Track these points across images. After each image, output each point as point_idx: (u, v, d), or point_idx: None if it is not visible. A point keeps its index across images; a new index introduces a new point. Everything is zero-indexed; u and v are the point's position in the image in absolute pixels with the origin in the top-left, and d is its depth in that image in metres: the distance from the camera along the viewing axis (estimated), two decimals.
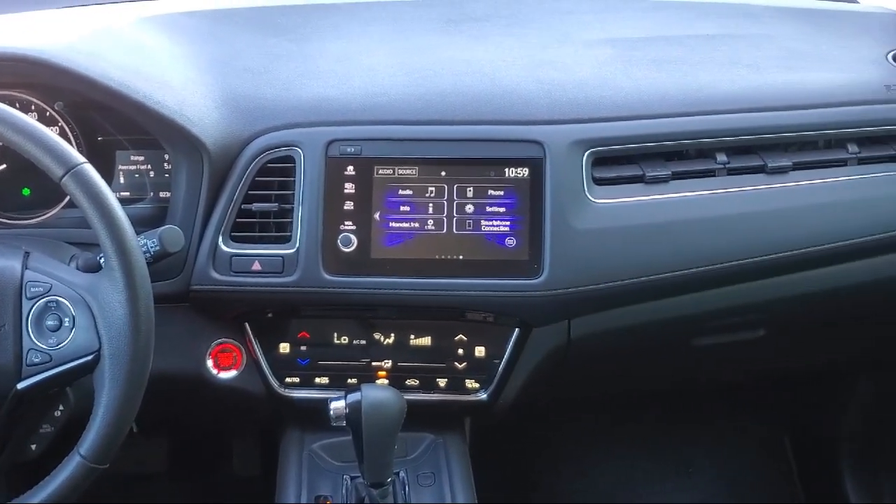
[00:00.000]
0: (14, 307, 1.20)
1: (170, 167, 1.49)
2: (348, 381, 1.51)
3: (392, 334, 1.50)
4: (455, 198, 1.43)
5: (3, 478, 1.34)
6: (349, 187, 1.43)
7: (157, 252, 1.29)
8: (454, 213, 1.43)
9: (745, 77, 1.58)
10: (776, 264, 1.52)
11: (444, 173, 1.43)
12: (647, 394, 2.14)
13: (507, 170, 1.43)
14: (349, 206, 1.42)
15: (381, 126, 1.45)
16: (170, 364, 1.43)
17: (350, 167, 1.43)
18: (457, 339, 1.50)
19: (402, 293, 1.43)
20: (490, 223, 1.43)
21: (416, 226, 1.43)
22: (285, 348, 1.51)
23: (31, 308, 1.20)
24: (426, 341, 1.51)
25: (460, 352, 1.51)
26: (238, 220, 1.43)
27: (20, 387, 1.19)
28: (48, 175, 1.18)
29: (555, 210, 1.42)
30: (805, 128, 1.53)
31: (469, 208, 1.43)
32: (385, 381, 1.51)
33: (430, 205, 1.43)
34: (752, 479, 2.31)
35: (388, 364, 1.51)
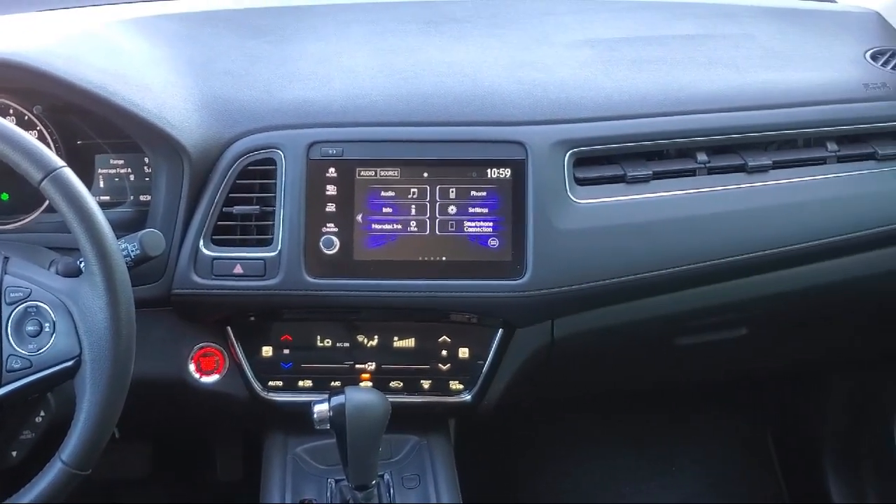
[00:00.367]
0: None
1: (150, 171, 1.48)
2: (332, 384, 1.50)
3: (375, 336, 1.50)
4: (437, 199, 1.43)
5: None
6: (331, 189, 1.42)
7: (137, 256, 1.28)
8: (437, 215, 1.43)
9: (724, 77, 1.58)
10: (757, 263, 1.53)
11: (426, 174, 1.43)
12: (631, 393, 2.14)
13: (489, 170, 1.43)
14: (331, 208, 1.42)
15: (362, 128, 1.44)
16: (152, 368, 1.42)
17: (331, 169, 1.42)
18: (440, 340, 1.50)
19: (386, 295, 1.43)
20: (473, 224, 1.43)
21: (399, 227, 1.43)
22: (268, 352, 1.51)
23: (10, 313, 1.19)
24: (410, 343, 1.51)
25: (444, 353, 1.51)
26: (219, 223, 1.42)
27: (0, 393, 1.18)
28: (27, 179, 1.18)
29: (537, 210, 1.42)
30: (784, 127, 1.54)
31: (452, 209, 1.43)
32: (369, 384, 1.50)
33: (413, 206, 1.43)
34: (736, 478, 2.32)
35: (371, 366, 1.51)
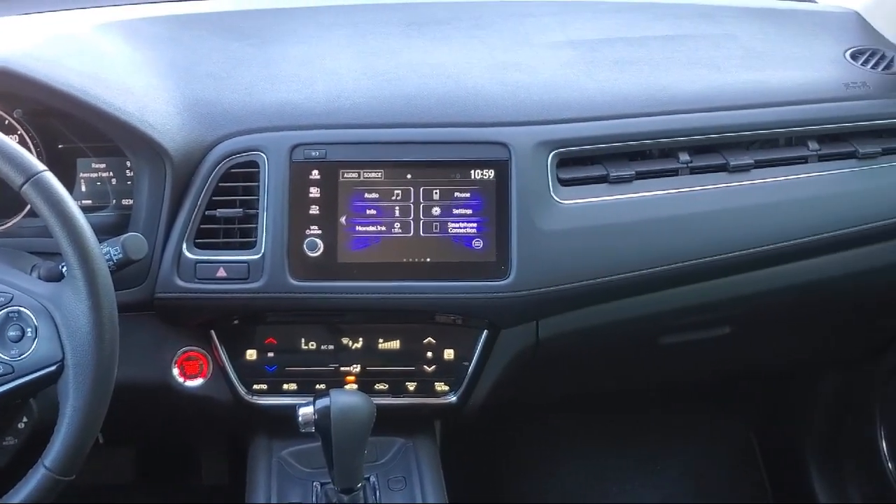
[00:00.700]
0: None
1: (132, 174, 1.47)
2: (317, 386, 1.50)
3: (360, 339, 1.50)
4: (421, 200, 1.43)
5: None
6: (314, 192, 1.42)
7: (120, 260, 1.27)
8: (421, 216, 1.43)
9: (705, 77, 1.59)
10: (739, 261, 1.54)
11: (409, 176, 1.43)
12: (615, 393, 2.15)
13: (472, 172, 1.43)
14: (315, 210, 1.42)
15: (345, 130, 1.44)
16: (135, 373, 1.42)
17: (315, 171, 1.42)
18: (425, 342, 1.50)
19: (370, 297, 1.43)
20: (457, 225, 1.43)
21: (383, 229, 1.42)
22: (252, 355, 1.50)
23: None
24: (395, 345, 1.50)
25: (429, 355, 1.51)
26: (202, 226, 1.42)
27: None
28: (8, 184, 1.17)
29: (521, 211, 1.43)
30: (766, 126, 1.55)
31: (436, 211, 1.43)
32: (354, 386, 1.50)
33: (397, 208, 1.43)
34: (720, 477, 2.32)
35: (356, 369, 1.51)
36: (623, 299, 1.53)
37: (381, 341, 1.50)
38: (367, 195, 1.42)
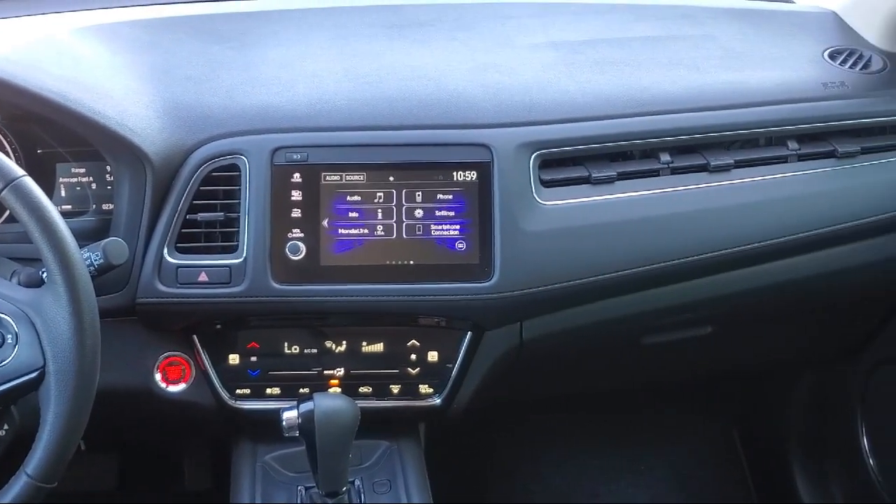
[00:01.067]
0: None
1: (112, 179, 1.47)
2: (300, 390, 1.50)
3: (344, 342, 1.50)
4: (404, 203, 1.43)
5: None
6: (296, 195, 1.42)
7: (101, 265, 1.27)
8: (403, 219, 1.42)
9: (686, 77, 1.60)
10: (720, 261, 1.54)
11: (392, 178, 1.43)
12: (600, 393, 2.16)
13: (455, 173, 1.43)
14: (296, 213, 1.41)
15: (327, 132, 1.44)
16: (117, 379, 1.41)
17: (296, 174, 1.42)
18: (409, 344, 1.50)
19: (353, 300, 1.43)
20: (440, 227, 1.43)
21: (366, 232, 1.42)
22: (235, 359, 1.49)
23: None
24: (378, 348, 1.50)
25: (413, 357, 1.51)
26: (183, 230, 1.41)
27: None
28: None
29: (503, 213, 1.43)
30: (746, 126, 1.56)
31: (418, 213, 1.43)
32: (338, 390, 1.50)
33: (379, 210, 1.42)
34: (704, 476, 2.33)
35: (340, 372, 1.50)
36: (606, 300, 1.54)
37: (364, 344, 1.50)
38: (349, 198, 1.42)
